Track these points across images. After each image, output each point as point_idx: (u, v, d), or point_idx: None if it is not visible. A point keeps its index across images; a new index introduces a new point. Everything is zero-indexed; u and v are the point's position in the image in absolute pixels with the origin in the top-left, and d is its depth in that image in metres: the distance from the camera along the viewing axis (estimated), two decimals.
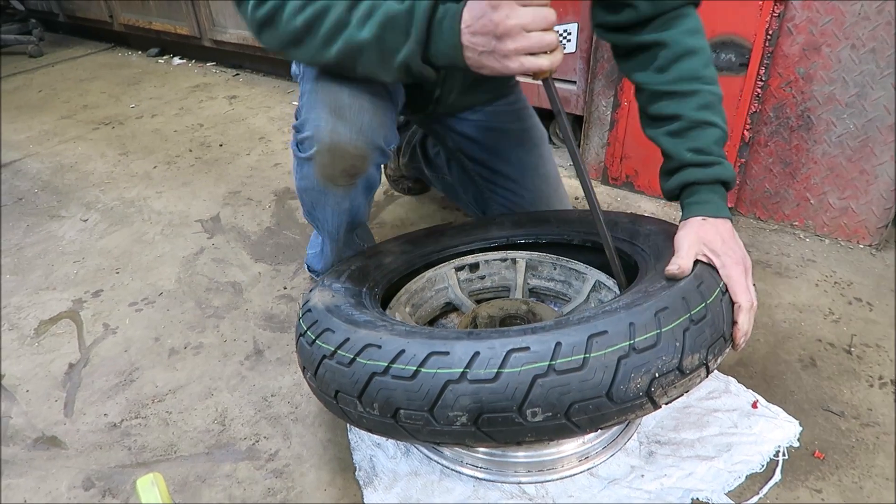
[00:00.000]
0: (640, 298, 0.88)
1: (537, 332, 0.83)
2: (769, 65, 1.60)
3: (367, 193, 1.28)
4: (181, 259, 1.77)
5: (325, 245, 1.43)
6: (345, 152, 1.10)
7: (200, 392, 1.31)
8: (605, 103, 1.93)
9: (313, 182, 1.17)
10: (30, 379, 1.37)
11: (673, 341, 0.83)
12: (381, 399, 0.86)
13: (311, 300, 1.07)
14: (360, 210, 1.30)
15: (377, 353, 0.87)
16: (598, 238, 1.32)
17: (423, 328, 0.93)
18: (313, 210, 1.28)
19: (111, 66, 3.61)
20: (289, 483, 1.10)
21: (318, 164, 1.12)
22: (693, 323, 0.85)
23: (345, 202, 1.23)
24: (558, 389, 0.80)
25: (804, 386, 1.25)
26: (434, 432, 0.86)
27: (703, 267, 0.96)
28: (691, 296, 0.89)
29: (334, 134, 1.08)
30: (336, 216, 1.27)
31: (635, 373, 0.81)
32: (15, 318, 1.56)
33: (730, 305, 0.94)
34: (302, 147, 1.14)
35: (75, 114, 2.90)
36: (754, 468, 1.07)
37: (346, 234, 1.34)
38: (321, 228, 1.34)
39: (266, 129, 2.61)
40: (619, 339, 0.82)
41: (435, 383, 0.82)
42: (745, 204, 1.82)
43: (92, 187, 2.20)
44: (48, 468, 1.16)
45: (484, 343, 0.83)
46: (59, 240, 1.89)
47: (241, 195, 2.09)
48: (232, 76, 3.30)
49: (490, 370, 0.81)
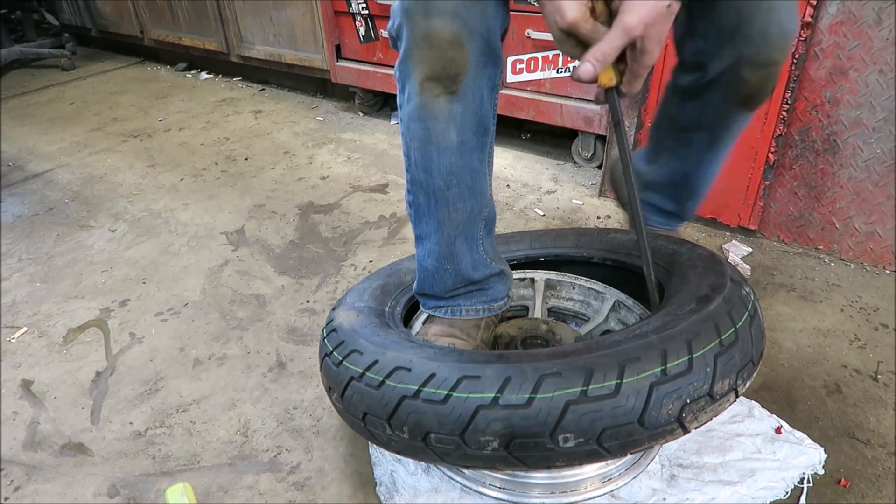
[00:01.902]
0: (670, 323, 0.88)
1: (568, 357, 0.84)
2: (795, 88, 1.60)
3: (479, 123, 1.03)
4: (206, 270, 1.79)
5: (429, 241, 1.13)
6: (439, 38, 0.93)
7: (224, 403, 1.33)
8: (629, 124, 1.93)
9: (413, 105, 0.99)
10: (58, 386, 1.40)
11: (704, 367, 0.83)
12: (411, 422, 0.86)
13: (336, 319, 1.08)
14: (470, 152, 1.04)
15: (407, 377, 0.87)
16: (616, 256, 1.33)
17: (451, 350, 0.93)
18: (417, 164, 1.05)
19: (140, 79, 3.69)
20: (310, 496, 1.11)
21: (413, 60, 0.96)
22: (723, 348, 0.85)
23: (450, 133, 1.01)
24: (591, 415, 0.80)
25: (829, 412, 1.24)
26: (464, 456, 0.86)
27: (732, 288, 0.96)
28: (721, 320, 0.88)
29: (427, 15, 0.92)
30: (439, 158, 1.03)
31: (667, 399, 0.81)
32: (44, 325, 1.60)
33: (758, 328, 0.94)
34: (398, 44, 0.99)
35: (105, 126, 2.96)
36: (778, 495, 1.06)
37: (457, 194, 1.07)
38: (427, 194, 1.08)
39: (290, 143, 2.65)
40: (652, 364, 0.81)
41: (466, 408, 0.83)
42: (769, 226, 1.81)
43: (120, 198, 2.25)
44: (74, 475, 1.18)
45: (515, 367, 0.83)
46: (88, 249, 1.93)
47: (266, 208, 2.12)
48: (258, 91, 3.35)
49: (522, 395, 0.81)
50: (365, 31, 2.59)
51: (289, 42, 3.00)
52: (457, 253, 1.12)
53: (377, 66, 2.63)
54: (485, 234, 1.16)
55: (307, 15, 2.82)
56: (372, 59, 2.65)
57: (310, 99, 3.19)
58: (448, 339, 1.16)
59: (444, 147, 1.01)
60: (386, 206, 2.09)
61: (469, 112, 1.00)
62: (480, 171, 1.08)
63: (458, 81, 0.97)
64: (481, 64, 0.98)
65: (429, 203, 1.08)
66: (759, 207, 1.77)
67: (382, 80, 2.62)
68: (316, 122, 2.88)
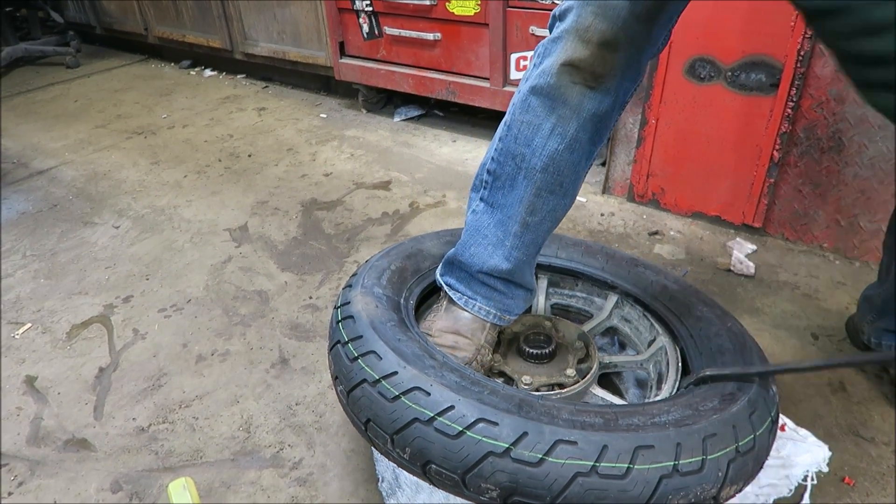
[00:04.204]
0: (689, 417, 0.87)
1: (586, 429, 0.83)
2: (801, 86, 1.59)
3: (597, 131, 1.01)
4: (209, 267, 1.80)
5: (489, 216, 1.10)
6: (601, 35, 0.93)
7: (226, 399, 1.33)
8: (633, 120, 1.93)
9: (545, 81, 0.98)
10: (61, 382, 1.40)
11: (716, 470, 0.82)
12: (415, 447, 0.85)
13: (353, 304, 1.05)
14: (579, 152, 1.02)
15: (425, 400, 0.86)
16: (641, 295, 1.28)
17: (473, 383, 0.91)
18: (519, 136, 1.02)
19: (145, 77, 3.70)
20: (312, 492, 1.11)
21: (565, 44, 0.95)
22: (739, 454, 0.84)
23: (570, 123, 0.99)
24: (596, 493, 0.79)
25: (834, 410, 1.23)
26: (459, 493, 0.85)
27: (759, 391, 0.94)
28: (742, 425, 0.87)
29: (598, 11, 0.93)
30: (548, 140, 1.00)
31: (674, 495, 0.79)
32: (48, 321, 1.60)
33: (776, 432, 0.92)
34: (556, 24, 0.99)
35: (109, 123, 2.97)
36: (782, 492, 1.05)
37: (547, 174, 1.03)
38: (515, 167, 1.05)
39: (294, 140, 2.65)
40: (665, 457, 0.80)
41: (477, 451, 0.81)
42: (773, 224, 1.80)
43: (124, 195, 2.25)
44: (78, 470, 1.18)
45: (534, 425, 0.82)
46: (92, 246, 1.94)
47: (269, 205, 2.12)
48: (261, 88, 3.36)
49: (535, 454, 0.80)
50: (369, 28, 2.58)
51: (292, 39, 3.00)
52: (521, 241, 1.09)
53: (381, 64, 2.63)
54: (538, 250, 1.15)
55: (311, 12, 2.82)
56: (375, 56, 2.64)
57: (313, 96, 3.19)
58: (452, 336, 1.15)
59: (558, 133, 0.99)
60: (389, 203, 2.09)
61: (597, 115, 0.99)
62: (579, 175, 1.06)
63: (599, 81, 0.96)
64: (625, 76, 0.98)
65: (515, 178, 1.05)
66: (764, 205, 1.76)
67: (386, 77, 2.62)
68: (319, 119, 2.88)
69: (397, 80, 2.59)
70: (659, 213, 1.97)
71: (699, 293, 1.23)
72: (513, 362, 1.17)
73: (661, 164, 1.91)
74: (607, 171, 2.07)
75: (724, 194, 1.83)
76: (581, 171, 1.06)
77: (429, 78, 2.48)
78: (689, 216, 1.93)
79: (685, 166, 1.86)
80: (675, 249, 1.79)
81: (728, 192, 1.82)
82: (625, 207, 2.01)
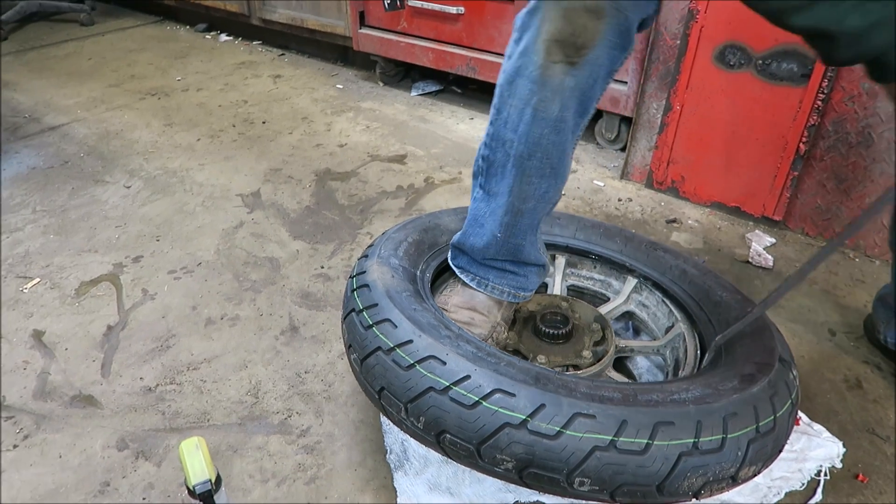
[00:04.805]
0: (710, 396, 0.85)
1: (605, 403, 0.81)
2: (833, 78, 1.56)
3: (582, 105, 0.98)
4: (221, 231, 1.78)
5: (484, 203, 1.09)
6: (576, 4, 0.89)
7: (235, 363, 1.32)
8: (657, 106, 1.89)
9: (526, 63, 0.94)
10: (69, 338, 1.39)
11: (736, 450, 0.81)
12: (430, 416, 0.84)
13: (368, 274, 1.04)
14: (565, 132, 0.99)
15: (440, 370, 0.85)
16: (659, 277, 1.26)
17: (489, 354, 0.89)
18: (508, 120, 1.00)
19: (159, 38, 3.65)
20: (319, 460, 1.10)
21: (544, 14, 0.91)
22: (759, 434, 0.83)
23: (553, 105, 0.95)
24: (613, 467, 0.78)
25: (849, 407, 1.21)
26: (474, 464, 0.84)
27: (779, 372, 0.92)
28: (762, 406, 0.86)
29: None
30: (532, 126, 0.97)
31: (692, 472, 0.79)
32: (57, 277, 1.59)
33: (795, 415, 0.91)
34: None
35: (123, 83, 2.93)
36: (794, 486, 1.04)
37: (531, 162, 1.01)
38: (497, 142, 1.03)
39: (309, 109, 2.62)
40: (685, 434, 0.79)
41: (493, 421, 0.80)
42: (794, 218, 1.78)
43: (136, 155, 2.23)
44: (84, 426, 1.18)
45: (552, 396, 0.81)
46: (103, 204, 1.92)
47: (282, 173, 2.10)
48: (277, 56, 3.31)
49: (553, 427, 0.79)
50: None
51: (311, 7, 2.95)
52: (517, 228, 1.08)
53: (401, 36, 2.59)
54: (539, 224, 1.13)
55: None
56: (396, 27, 2.60)
57: (330, 66, 3.15)
58: (468, 312, 1.14)
59: (542, 117, 0.96)
60: (404, 177, 2.06)
61: (579, 90, 0.95)
62: (567, 153, 1.03)
63: (581, 53, 0.92)
64: (611, 44, 0.93)
65: (506, 164, 1.03)
66: (786, 198, 1.73)
67: (406, 50, 2.58)
68: (335, 89, 2.85)
69: (417, 54, 2.55)
70: (677, 201, 1.94)
71: (718, 278, 1.21)
72: (528, 341, 1.16)
73: (683, 152, 1.87)
74: (627, 157, 2.04)
75: (745, 185, 1.80)
76: (569, 148, 1.03)
77: (449, 52, 2.44)
78: (707, 206, 1.90)
79: (707, 155, 1.83)
80: (692, 238, 1.76)
81: (749, 183, 1.78)
82: (642, 194, 1.98)
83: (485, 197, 1.09)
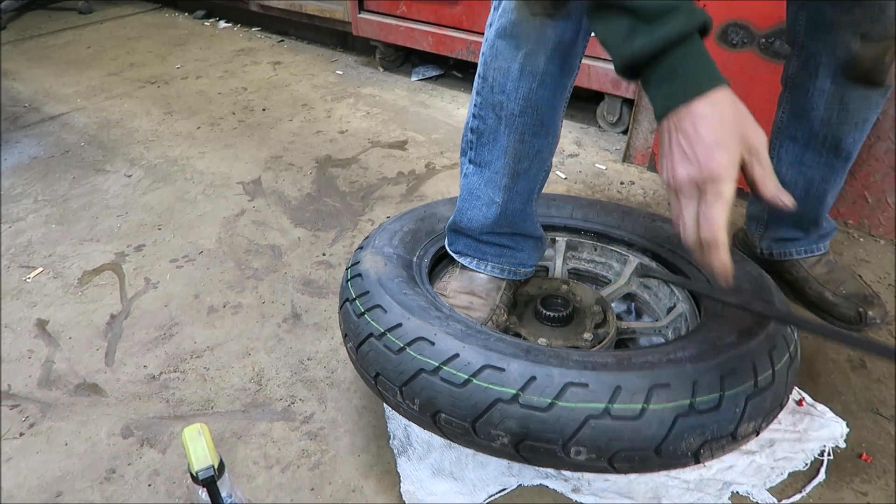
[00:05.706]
0: (707, 353, 0.85)
1: (598, 370, 0.81)
2: None
3: (565, 61, 0.98)
4: (222, 219, 1.77)
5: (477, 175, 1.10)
6: None
7: (238, 351, 1.32)
8: None
9: (505, 21, 0.95)
10: (73, 326, 1.39)
11: (734, 407, 0.80)
12: (423, 397, 0.85)
13: (362, 263, 1.05)
14: (552, 86, 0.99)
15: (429, 350, 0.85)
16: (658, 249, 1.26)
17: (480, 331, 0.90)
18: (494, 84, 1.00)
19: (158, 26, 3.63)
20: (323, 446, 1.10)
21: None
22: (757, 390, 0.82)
23: (538, 58, 0.95)
24: (609, 434, 0.77)
25: (853, 387, 1.21)
26: (471, 442, 0.84)
27: (777, 327, 0.91)
28: (760, 361, 0.85)
29: None
30: (520, 82, 0.98)
31: (689, 433, 0.78)
32: (60, 266, 1.59)
33: (795, 370, 0.90)
34: None
35: (122, 71, 2.92)
36: (797, 466, 1.04)
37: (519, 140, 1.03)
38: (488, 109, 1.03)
39: (309, 96, 2.60)
40: (681, 395, 0.78)
41: (484, 398, 0.80)
42: None
43: (136, 144, 2.22)
44: (89, 414, 1.18)
45: (542, 369, 0.81)
46: (104, 193, 1.92)
47: (283, 160, 2.09)
48: (276, 42, 3.29)
49: (544, 399, 0.78)
50: None
51: None
52: (514, 192, 1.08)
53: (400, 20, 2.57)
54: (537, 195, 1.13)
55: None
56: (395, 11, 2.58)
57: (329, 52, 3.13)
58: (467, 296, 1.14)
59: (529, 71, 0.97)
60: (405, 163, 2.06)
61: (561, 43, 0.95)
62: (557, 110, 1.04)
63: (558, 5, 0.92)
64: None
65: (498, 127, 1.03)
66: None
67: (405, 35, 2.55)
68: (335, 75, 2.83)
69: (417, 38, 2.52)
70: None
71: None
72: (528, 324, 1.16)
73: None
74: (629, 139, 2.03)
75: None
76: (558, 105, 1.04)
77: (449, 36, 2.42)
78: None
79: None
80: None
81: None
82: (645, 177, 1.97)
83: (477, 170, 1.10)
